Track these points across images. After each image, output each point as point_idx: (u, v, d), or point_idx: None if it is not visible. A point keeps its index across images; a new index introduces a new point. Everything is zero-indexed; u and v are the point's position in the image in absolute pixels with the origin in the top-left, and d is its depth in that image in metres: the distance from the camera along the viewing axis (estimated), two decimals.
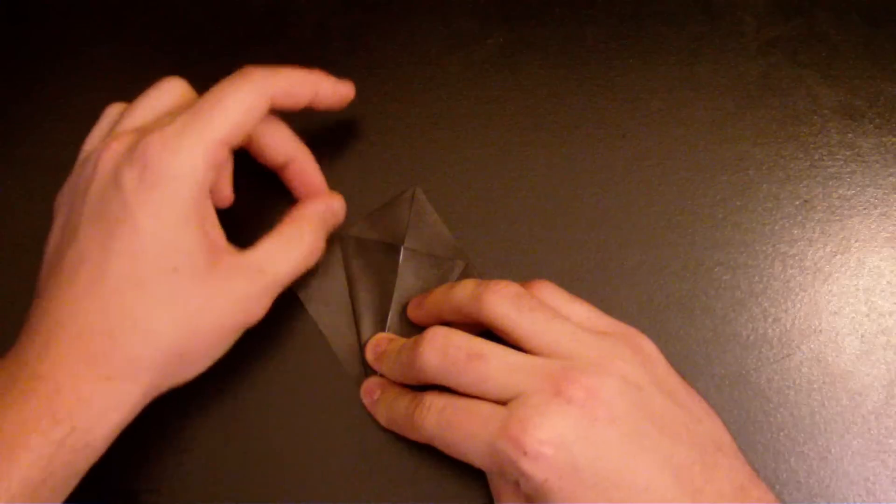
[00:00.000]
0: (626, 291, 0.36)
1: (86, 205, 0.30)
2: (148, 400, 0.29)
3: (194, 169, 0.29)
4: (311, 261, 0.33)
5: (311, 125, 0.40)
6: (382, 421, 0.33)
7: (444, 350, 0.29)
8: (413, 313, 0.35)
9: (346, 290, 0.36)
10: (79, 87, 0.42)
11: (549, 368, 0.28)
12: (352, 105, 0.41)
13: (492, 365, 0.29)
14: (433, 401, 0.30)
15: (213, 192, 0.31)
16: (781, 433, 0.34)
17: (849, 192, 0.38)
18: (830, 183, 0.38)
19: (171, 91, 0.33)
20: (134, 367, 0.28)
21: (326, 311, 0.36)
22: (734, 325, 0.35)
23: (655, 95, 0.40)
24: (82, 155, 0.33)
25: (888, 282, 0.36)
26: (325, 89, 0.34)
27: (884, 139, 0.39)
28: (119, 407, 0.28)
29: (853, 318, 0.36)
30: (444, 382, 0.29)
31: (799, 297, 0.36)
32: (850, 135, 0.39)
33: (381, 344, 0.34)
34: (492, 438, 0.27)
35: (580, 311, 0.32)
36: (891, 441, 0.33)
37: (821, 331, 0.35)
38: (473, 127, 0.40)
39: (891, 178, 0.38)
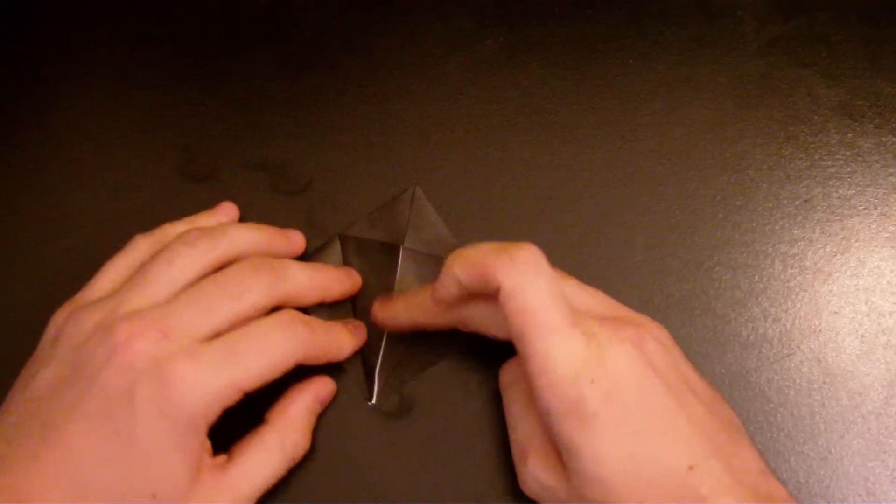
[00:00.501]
0: (626, 291, 0.36)
1: (90, 394, 0.28)
2: None
3: (211, 409, 0.29)
4: (293, 464, 0.32)
5: (309, 124, 0.41)
6: (402, 312, 0.33)
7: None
8: None
9: None
10: (79, 87, 0.42)
11: (611, 311, 0.30)
12: (350, 105, 0.41)
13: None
14: (537, 260, 0.29)
15: None
16: (781, 433, 0.33)
17: (849, 192, 0.38)
18: (830, 183, 0.38)
19: (197, 258, 0.32)
20: None
21: (327, 312, 0.36)
22: (734, 325, 0.35)
23: (655, 95, 0.40)
24: (98, 284, 0.32)
25: (888, 282, 0.36)
26: (346, 344, 0.34)
27: (884, 139, 0.39)
28: None
29: (853, 317, 0.36)
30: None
31: (799, 296, 0.36)
32: (850, 135, 0.39)
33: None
34: (573, 351, 0.27)
35: (599, 294, 0.32)
36: (891, 441, 0.33)
37: (821, 331, 0.35)
38: (473, 127, 0.40)
39: (891, 178, 0.38)
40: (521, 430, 0.31)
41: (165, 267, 0.31)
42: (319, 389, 0.34)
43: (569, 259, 0.37)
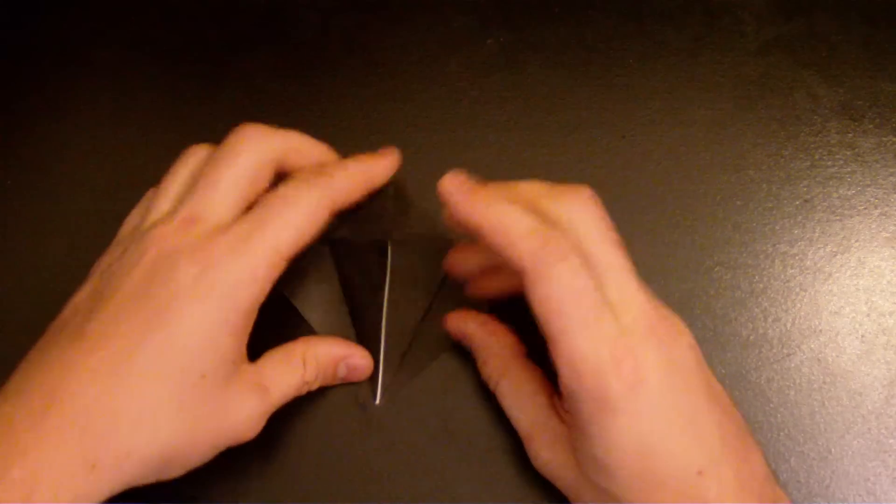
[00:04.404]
0: None
1: (128, 281, 0.28)
2: (116, 494, 0.27)
3: (254, 280, 0.28)
4: (302, 391, 0.32)
5: (309, 124, 0.40)
6: (473, 215, 0.29)
7: (597, 214, 0.30)
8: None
9: (341, 293, 0.36)
10: (79, 88, 0.42)
11: (649, 305, 0.28)
12: (350, 105, 0.41)
13: (625, 264, 0.29)
14: (566, 249, 0.28)
15: None
16: (781, 433, 0.33)
17: (849, 192, 0.38)
18: (830, 183, 0.38)
19: (248, 164, 0.31)
20: (124, 461, 0.26)
21: (322, 315, 0.35)
22: (734, 325, 0.35)
23: (655, 95, 0.40)
24: (146, 222, 0.31)
25: (888, 282, 0.36)
26: (378, 172, 0.33)
27: (884, 139, 0.39)
28: (92, 497, 0.26)
29: (853, 317, 0.36)
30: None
31: (799, 296, 0.36)
32: (850, 135, 0.39)
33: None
34: (599, 343, 0.27)
35: (643, 287, 0.32)
36: (891, 441, 0.33)
37: (821, 331, 0.35)
38: (473, 127, 0.40)
39: (891, 178, 0.38)
40: (522, 419, 0.31)
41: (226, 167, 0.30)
42: (352, 357, 0.34)
43: None
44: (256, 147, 0.31)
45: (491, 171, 0.39)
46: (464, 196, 0.30)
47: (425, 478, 0.33)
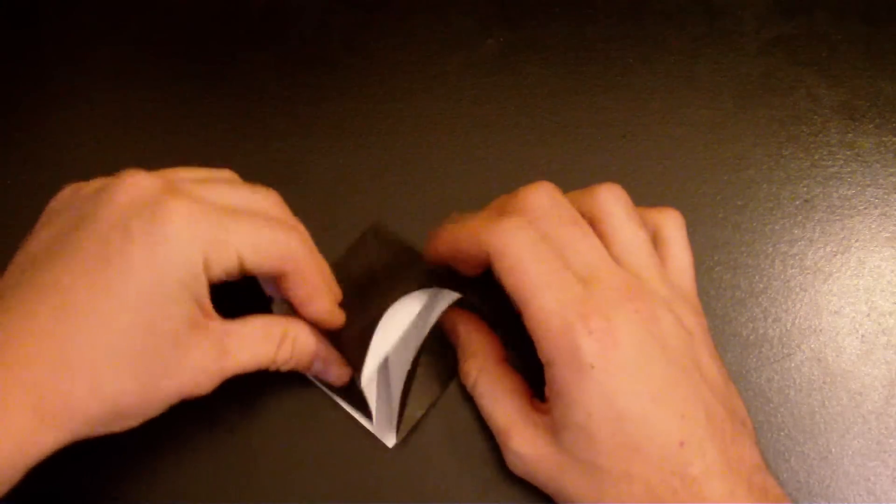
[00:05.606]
0: None
1: (84, 234, 0.27)
2: (64, 445, 0.26)
3: (207, 259, 0.28)
4: (269, 369, 0.31)
5: (309, 124, 0.41)
6: (439, 241, 0.32)
7: (554, 198, 0.30)
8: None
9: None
10: (79, 88, 0.42)
11: (628, 279, 0.29)
12: (350, 105, 0.41)
13: (587, 241, 0.30)
14: (522, 223, 0.29)
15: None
16: (781, 433, 0.33)
17: (849, 192, 0.38)
18: (831, 183, 0.38)
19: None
20: (73, 413, 0.26)
21: None
22: (734, 325, 0.35)
23: (655, 95, 0.40)
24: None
25: (889, 281, 0.36)
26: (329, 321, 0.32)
27: (884, 139, 0.39)
28: (40, 447, 0.26)
29: (853, 317, 0.35)
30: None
31: (799, 296, 0.36)
32: (850, 135, 0.39)
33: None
34: (565, 302, 0.28)
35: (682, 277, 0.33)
36: (891, 441, 0.33)
37: (821, 330, 0.35)
38: (473, 127, 0.40)
39: (891, 178, 0.38)
40: (499, 414, 0.31)
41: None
42: (333, 363, 0.33)
43: None
44: (278, 209, 0.32)
45: (491, 170, 0.39)
46: (433, 239, 0.33)
47: (427, 480, 0.33)
